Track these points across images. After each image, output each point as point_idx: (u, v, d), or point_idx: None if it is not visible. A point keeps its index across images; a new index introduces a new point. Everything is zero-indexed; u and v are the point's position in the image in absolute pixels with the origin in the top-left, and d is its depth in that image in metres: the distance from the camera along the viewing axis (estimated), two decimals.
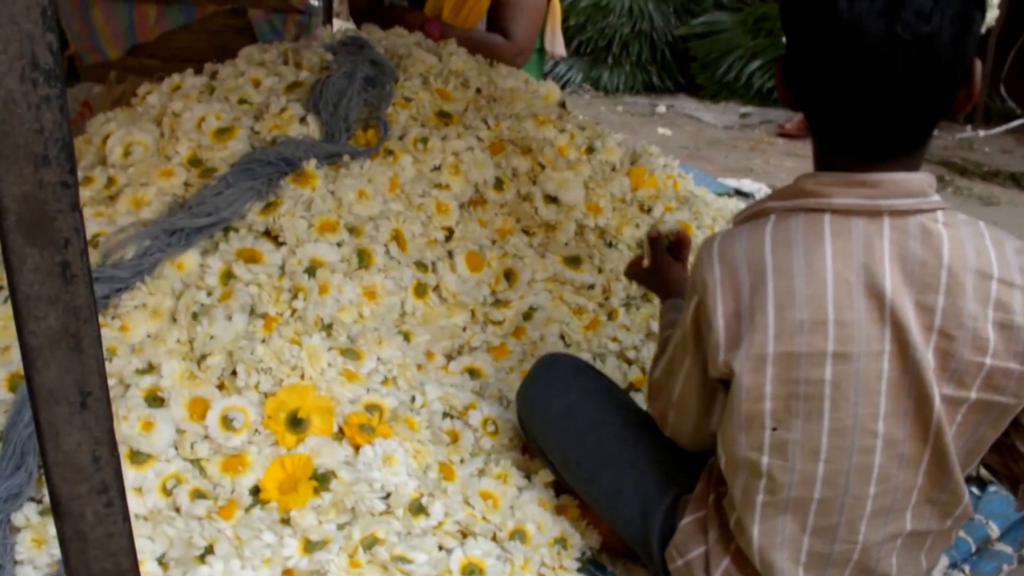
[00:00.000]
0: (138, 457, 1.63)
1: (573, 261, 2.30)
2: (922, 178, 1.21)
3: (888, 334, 1.20)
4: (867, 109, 1.17)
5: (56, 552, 1.55)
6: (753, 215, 1.32)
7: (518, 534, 1.70)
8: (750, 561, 1.37)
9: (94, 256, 1.89)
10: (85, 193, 2.08)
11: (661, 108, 6.01)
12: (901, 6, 1.10)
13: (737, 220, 1.35)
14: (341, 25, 5.67)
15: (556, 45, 3.86)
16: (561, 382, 1.71)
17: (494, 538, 1.69)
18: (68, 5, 4.60)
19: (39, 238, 0.78)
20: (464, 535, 1.69)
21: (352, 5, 3.70)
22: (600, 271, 2.31)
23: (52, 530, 1.56)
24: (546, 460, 1.74)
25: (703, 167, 4.81)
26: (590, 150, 2.52)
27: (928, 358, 1.20)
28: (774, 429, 1.25)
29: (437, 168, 2.25)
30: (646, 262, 1.83)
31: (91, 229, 1.97)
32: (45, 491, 1.59)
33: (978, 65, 1.19)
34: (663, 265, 1.80)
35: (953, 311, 1.19)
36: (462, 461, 1.80)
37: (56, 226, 0.79)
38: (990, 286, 1.19)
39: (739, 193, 4.27)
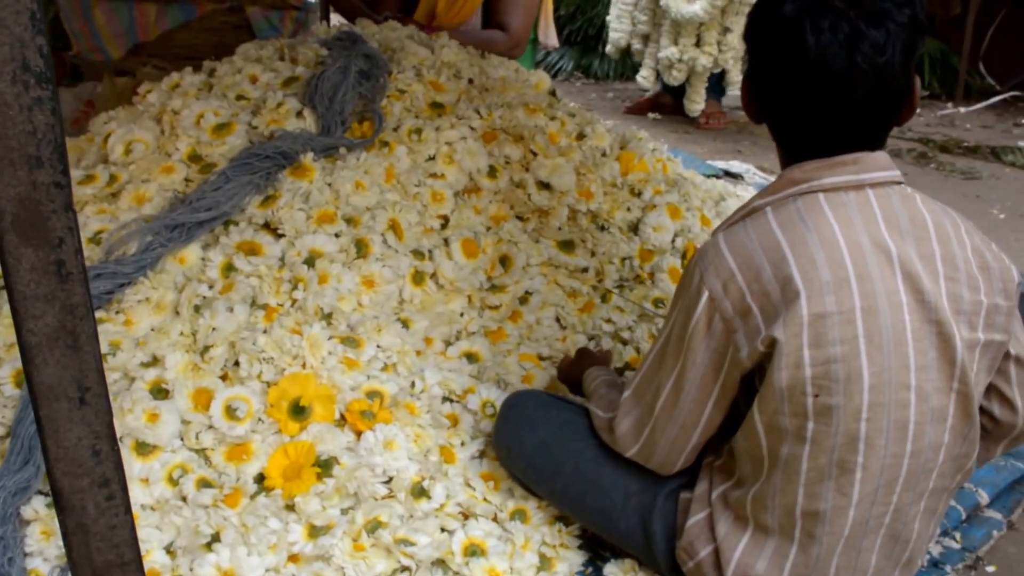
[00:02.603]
0: (144, 448, 1.66)
1: (566, 245, 2.33)
2: (884, 155, 1.34)
3: (902, 286, 1.27)
4: (829, 126, 1.32)
5: None
6: (746, 214, 1.38)
7: (518, 514, 1.73)
8: (767, 545, 1.39)
9: (97, 252, 1.92)
10: (88, 191, 2.11)
11: (650, 93, 6.05)
12: (860, 40, 1.24)
13: (727, 223, 1.41)
14: (338, 21, 5.69)
15: (549, 36, 3.91)
16: (528, 420, 1.73)
17: (495, 519, 1.73)
18: (69, 5, 4.62)
19: (34, 238, 0.81)
20: (465, 517, 1.72)
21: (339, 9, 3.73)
22: (593, 254, 2.34)
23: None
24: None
25: (692, 150, 4.85)
26: (580, 136, 2.54)
27: (943, 303, 1.28)
28: (816, 396, 1.28)
29: (432, 158, 2.27)
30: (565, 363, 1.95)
31: (94, 226, 2.00)
32: None
33: (917, 80, 1.36)
34: (586, 359, 1.91)
35: (948, 255, 1.30)
36: (462, 444, 1.83)
37: (50, 226, 0.81)
38: (963, 235, 1.33)
39: (728, 174, 4.30)
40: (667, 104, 5.84)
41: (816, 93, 1.28)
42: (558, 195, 2.33)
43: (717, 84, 5.54)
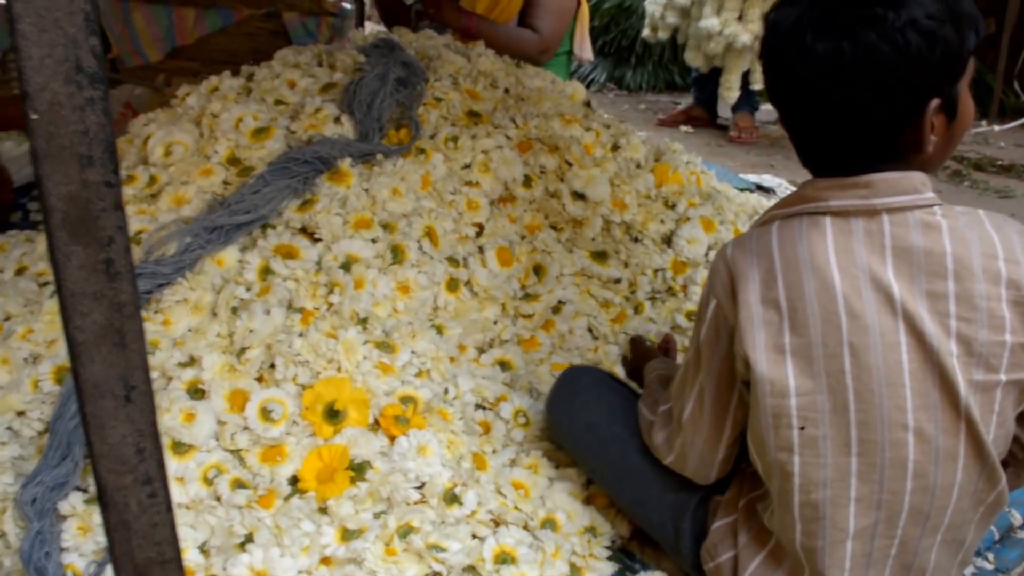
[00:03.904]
0: (180, 448, 1.68)
1: (600, 256, 2.33)
2: (915, 176, 1.27)
3: (901, 326, 1.23)
4: (842, 132, 1.28)
5: (101, 540, 1.60)
6: (762, 222, 1.38)
7: (549, 523, 1.73)
8: (782, 566, 1.39)
9: (137, 253, 1.94)
10: (128, 191, 2.14)
11: (682, 106, 6.04)
12: (856, 48, 1.21)
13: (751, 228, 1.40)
14: (372, 28, 5.74)
15: (584, 49, 3.91)
16: (583, 396, 1.76)
17: (526, 527, 1.73)
18: (110, 9, 4.69)
19: (83, 236, 0.82)
20: (496, 524, 1.72)
21: (382, 11, 3.75)
22: (626, 265, 2.34)
23: (97, 518, 1.61)
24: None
25: (725, 163, 4.82)
26: (615, 148, 2.54)
27: (949, 347, 1.23)
28: (802, 428, 1.27)
29: (467, 166, 2.28)
30: (628, 355, 1.96)
31: (134, 226, 2.02)
32: (91, 480, 1.65)
33: (967, 96, 1.31)
34: (646, 354, 1.90)
35: (965, 295, 1.23)
36: (494, 452, 1.83)
37: (100, 224, 0.82)
38: (998, 266, 1.23)
39: (760, 188, 4.27)
40: (700, 117, 5.83)
41: (824, 100, 1.26)
42: (592, 206, 2.33)
43: (750, 97, 5.50)
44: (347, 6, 5.08)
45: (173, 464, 1.66)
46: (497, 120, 2.41)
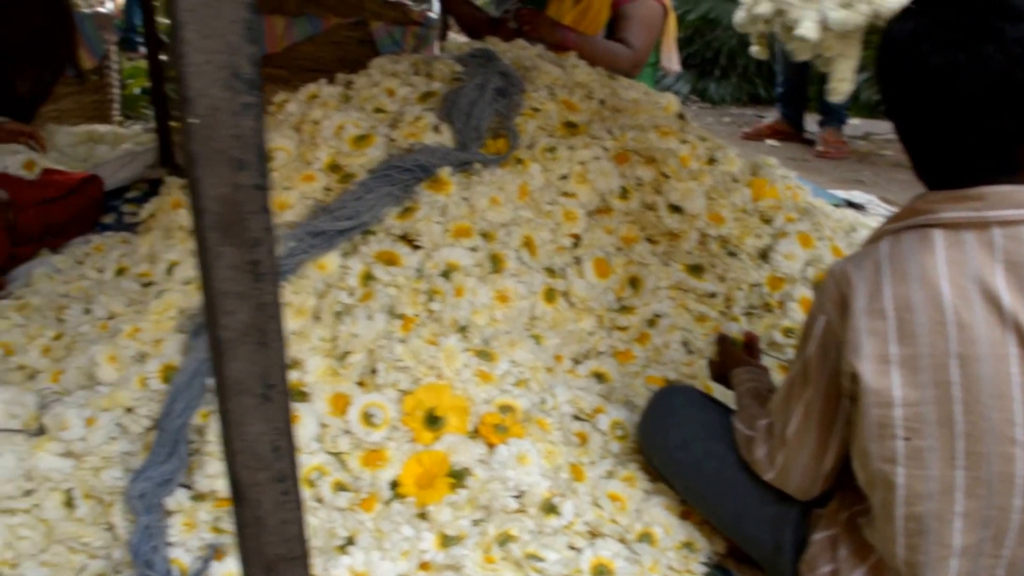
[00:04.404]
0: None
1: (696, 270, 2.31)
2: None
3: (1011, 338, 1.21)
4: (955, 145, 1.28)
5: (207, 536, 1.63)
6: (870, 239, 1.38)
7: (645, 536, 1.72)
8: None
9: None
10: None
11: (768, 120, 5.96)
12: (974, 57, 1.21)
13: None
14: (454, 38, 5.79)
15: (672, 61, 3.89)
16: (676, 414, 1.75)
17: (622, 540, 1.72)
18: None
19: (233, 237, 0.84)
20: (593, 536, 1.72)
21: (460, 20, 3.78)
22: (722, 280, 2.32)
23: (203, 515, 1.65)
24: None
25: (813, 178, 4.72)
26: (711, 161, 2.53)
27: None
28: (907, 439, 1.25)
29: (564, 177, 2.28)
30: (715, 358, 1.93)
31: None
32: (195, 477, 1.68)
33: None
34: (732, 357, 1.88)
35: None
36: (591, 463, 1.83)
37: (249, 226, 0.84)
38: None
39: (850, 205, 4.18)
40: (785, 131, 5.75)
41: (933, 115, 1.27)
42: (689, 219, 2.32)
43: (836, 112, 5.39)
44: (432, 16, 5.14)
45: None
46: (594, 131, 2.41)
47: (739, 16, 5.05)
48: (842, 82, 4.68)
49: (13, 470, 1.70)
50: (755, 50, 5.35)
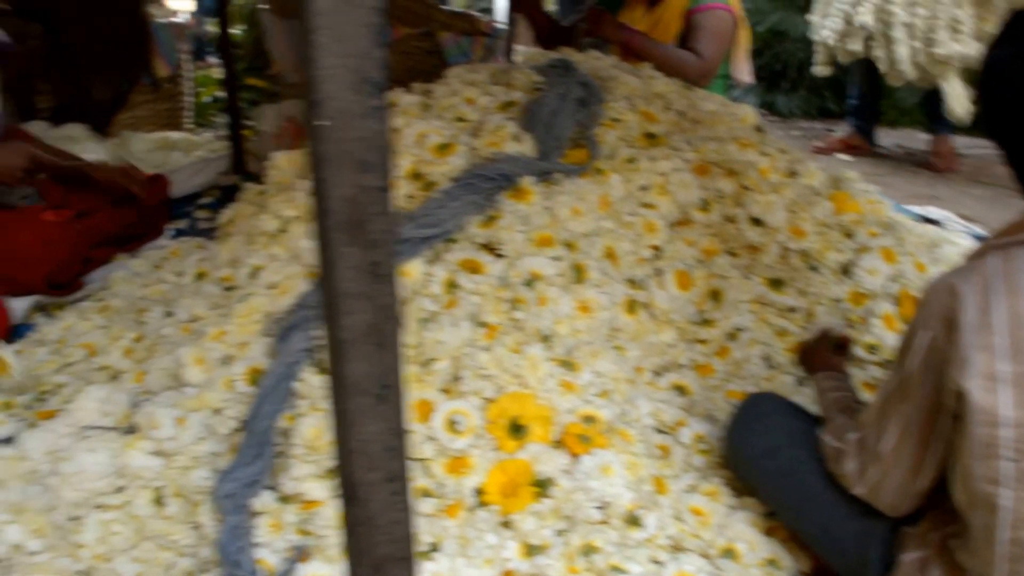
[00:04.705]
0: None
1: (777, 283, 2.29)
2: None
3: None
4: None
5: (292, 538, 1.65)
6: (978, 255, 1.36)
7: (728, 552, 1.70)
8: None
9: None
10: None
11: (838, 134, 5.87)
12: None
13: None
14: (521, 49, 5.81)
15: (743, 72, 3.86)
16: (763, 422, 1.74)
17: (705, 555, 1.70)
18: (274, 27, 4.86)
19: (356, 238, 0.84)
20: (676, 550, 1.71)
21: (536, 30, 3.79)
22: (803, 294, 2.30)
23: (289, 517, 1.66)
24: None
25: (887, 194, 4.63)
26: (791, 173, 2.50)
27: None
28: (1015, 460, 1.22)
29: (645, 188, 2.28)
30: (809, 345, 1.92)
31: None
32: (281, 479, 1.70)
33: None
34: (824, 354, 1.87)
35: None
36: (674, 476, 1.82)
37: (371, 228, 0.85)
38: None
39: (926, 221, 4.11)
40: (858, 145, 5.66)
41: None
42: (770, 232, 2.30)
43: (945, 123, 5.15)
44: (500, 26, 5.16)
45: None
46: (674, 142, 2.40)
47: (824, 34, 4.96)
48: (959, 100, 4.55)
49: (106, 467, 1.73)
50: (819, 69, 5.27)
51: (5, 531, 1.64)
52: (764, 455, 1.70)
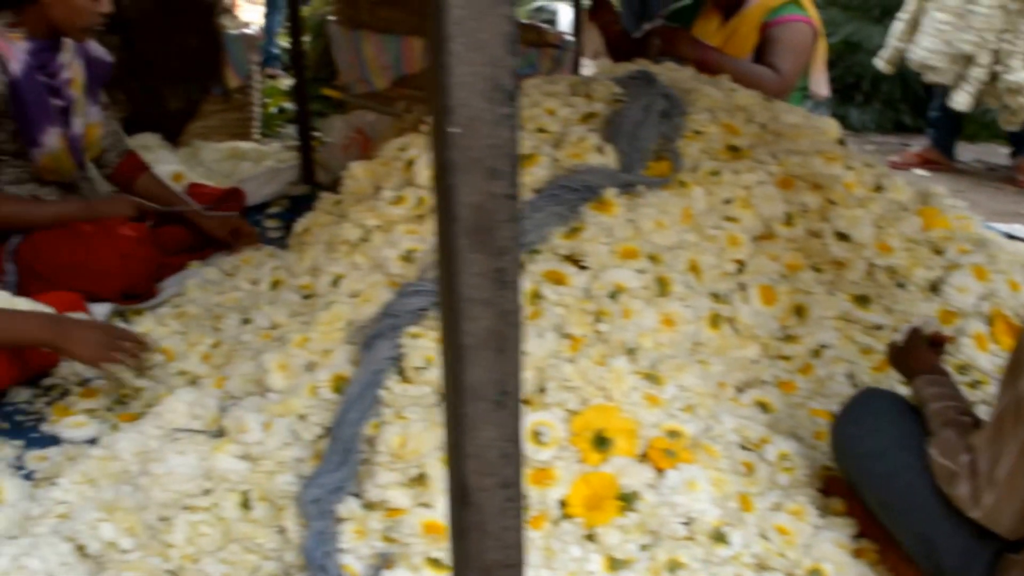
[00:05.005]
0: None
1: (862, 300, 2.26)
2: None
3: None
4: None
5: (378, 544, 1.65)
6: None
7: (815, 573, 1.68)
8: None
9: (410, 270, 2.01)
10: (399, 211, 2.22)
11: (915, 148, 5.76)
12: None
13: None
14: (587, 61, 5.81)
15: (820, 86, 3.82)
16: (873, 420, 1.70)
17: (790, 575, 1.68)
18: (341, 39, 4.92)
19: (483, 245, 0.85)
20: (761, 568, 1.68)
21: (608, 41, 3.78)
22: (890, 312, 2.26)
23: (373, 524, 1.67)
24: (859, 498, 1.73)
25: (969, 210, 4.55)
26: (878, 188, 2.46)
27: None
28: None
29: (728, 201, 2.26)
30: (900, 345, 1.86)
31: (405, 244, 2.10)
32: (366, 486, 1.71)
33: None
34: (919, 356, 1.81)
35: None
36: (759, 494, 1.79)
37: (498, 235, 0.85)
38: None
39: (1011, 239, 4.02)
40: (936, 160, 5.57)
41: None
42: (856, 247, 2.27)
43: None
44: (569, 38, 5.17)
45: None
46: (758, 155, 2.39)
47: (919, 54, 4.85)
48: None
49: (195, 469, 1.75)
50: (883, 65, 5.17)
51: (100, 528, 1.66)
52: (871, 455, 1.66)
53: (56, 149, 2.81)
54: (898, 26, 5.12)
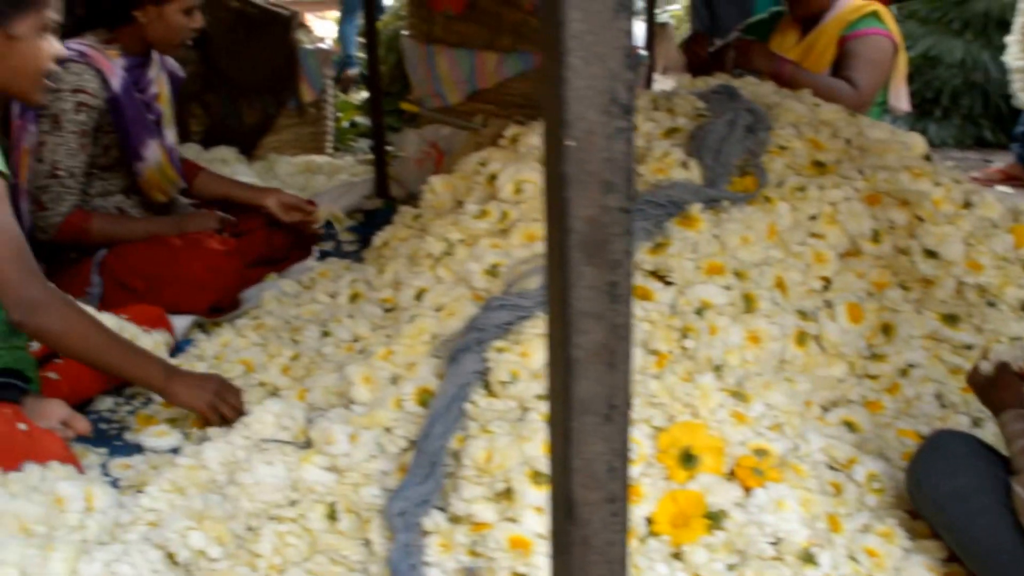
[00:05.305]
0: (540, 478, 1.70)
1: (951, 319, 2.21)
2: None
3: None
4: None
5: (463, 559, 1.65)
6: None
7: None
8: None
9: (494, 284, 2.02)
10: (482, 225, 2.23)
11: (998, 164, 5.62)
12: None
13: None
14: (658, 77, 5.79)
15: (901, 100, 3.76)
16: (951, 462, 1.67)
17: None
18: (415, 54, 4.96)
19: (596, 258, 0.85)
20: None
21: (691, 61, 3.76)
22: (980, 331, 2.21)
23: (459, 538, 1.67)
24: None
25: None
26: (967, 204, 2.41)
27: None
28: None
29: (814, 217, 2.24)
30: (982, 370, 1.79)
31: (490, 259, 2.11)
32: (451, 500, 1.71)
33: None
34: (1010, 389, 1.74)
35: None
36: (847, 515, 1.76)
37: (611, 248, 0.85)
38: None
39: None
40: (1021, 178, 5.44)
41: None
42: (945, 265, 2.22)
43: None
44: (642, 53, 5.15)
45: (532, 493, 1.69)
46: (844, 171, 2.36)
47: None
48: None
49: (282, 479, 1.77)
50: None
51: (189, 536, 1.68)
52: (951, 497, 1.63)
53: (159, 162, 2.87)
54: (1013, 51, 5.03)
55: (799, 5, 3.46)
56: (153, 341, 2.44)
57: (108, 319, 2.31)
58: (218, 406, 2.11)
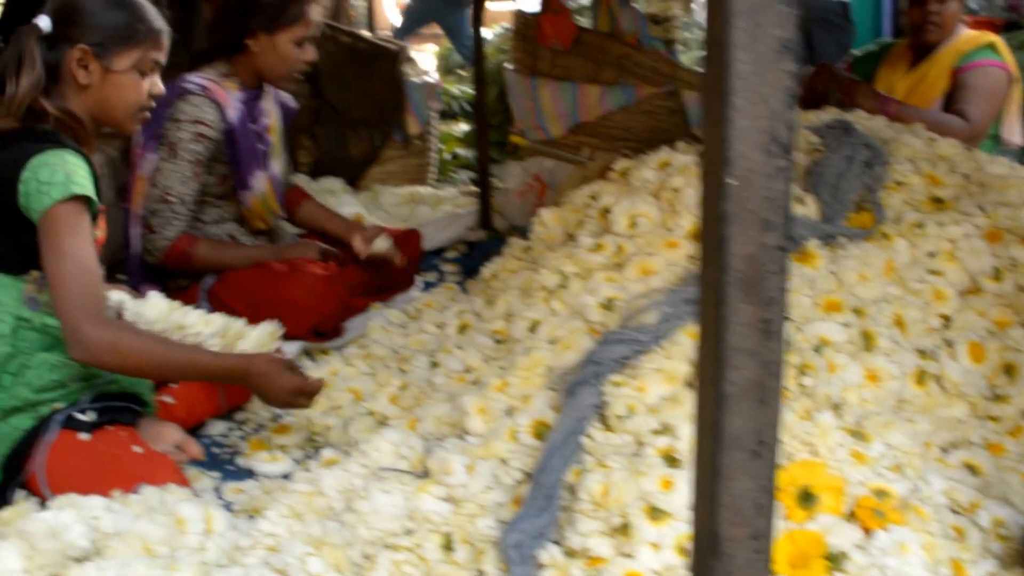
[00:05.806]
0: (656, 514, 1.70)
1: None
2: None
3: None
4: None
5: None
6: None
7: None
8: None
9: (610, 318, 2.03)
10: (597, 259, 2.24)
11: None
12: None
13: None
14: None
15: (1015, 134, 3.68)
16: None
17: None
18: (519, 87, 5.01)
19: (751, 295, 0.85)
20: None
21: (806, 95, 3.73)
22: None
23: (575, 571, 1.67)
24: None
25: None
26: None
27: None
28: None
29: (932, 254, 2.20)
30: None
31: (605, 292, 2.12)
32: (566, 533, 1.71)
33: None
34: None
35: None
36: (972, 562, 1.71)
37: (767, 285, 0.85)
38: None
39: None
40: None
41: None
42: None
43: None
44: None
45: (648, 529, 1.68)
46: (963, 207, 2.32)
47: None
48: None
49: (399, 508, 1.79)
50: None
51: (308, 562, 1.71)
52: None
53: (263, 191, 2.96)
54: None
55: (923, 33, 3.40)
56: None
57: (217, 319, 2.35)
58: (294, 402, 2.14)
